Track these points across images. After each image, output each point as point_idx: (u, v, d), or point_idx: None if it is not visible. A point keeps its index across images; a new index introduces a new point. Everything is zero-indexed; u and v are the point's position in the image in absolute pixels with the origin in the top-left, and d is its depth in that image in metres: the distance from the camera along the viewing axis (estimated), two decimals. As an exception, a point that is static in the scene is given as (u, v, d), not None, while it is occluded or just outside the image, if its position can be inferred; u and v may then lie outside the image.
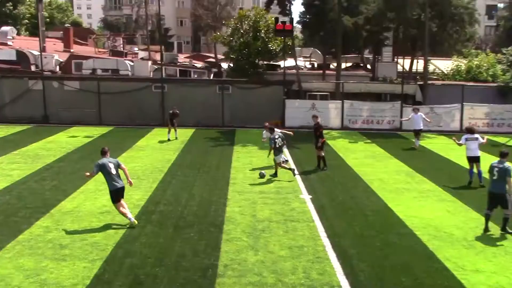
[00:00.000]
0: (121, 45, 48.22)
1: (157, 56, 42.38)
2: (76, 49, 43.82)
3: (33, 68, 31.47)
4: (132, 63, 33.12)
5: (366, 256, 10.87)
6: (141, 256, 10.74)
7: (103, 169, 12.41)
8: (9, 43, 37.93)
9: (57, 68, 32.68)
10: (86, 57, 33.78)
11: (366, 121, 30.61)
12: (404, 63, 37.74)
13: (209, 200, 14.93)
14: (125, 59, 36.78)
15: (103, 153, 12.82)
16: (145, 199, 14.88)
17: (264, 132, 19.59)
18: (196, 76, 36.76)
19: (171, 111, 25.30)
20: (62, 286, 9.31)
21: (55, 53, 35.56)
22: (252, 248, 11.26)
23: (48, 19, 59.57)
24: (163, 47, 38.52)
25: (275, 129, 18.02)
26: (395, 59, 39.63)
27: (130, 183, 12.88)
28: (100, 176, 12.78)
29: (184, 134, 26.47)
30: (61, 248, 11.11)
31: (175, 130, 25.30)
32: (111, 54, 42.32)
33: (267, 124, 19.29)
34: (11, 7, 53.12)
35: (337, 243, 11.55)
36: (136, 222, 12.56)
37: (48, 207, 13.93)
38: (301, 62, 40.73)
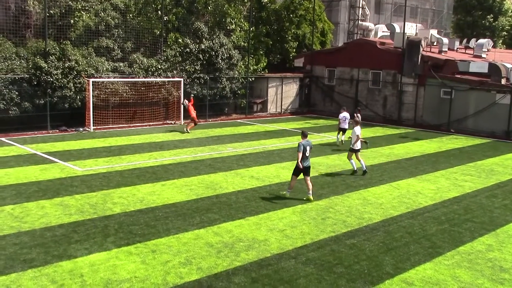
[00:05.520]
0: None
1: None
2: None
3: (503, 81, 30.92)
4: None
5: None
6: None
7: (304, 149, 14.46)
8: (483, 55, 38.31)
9: (530, 83, 31.03)
10: None
11: None
12: None
13: None
14: None
15: (304, 136, 14.78)
16: None
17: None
18: None
19: None
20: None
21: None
22: None
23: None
24: None
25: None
26: None
27: None
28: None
29: None
30: (501, 270, 10.66)
31: None
32: None
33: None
34: (491, 19, 53.50)
35: None
36: (311, 198, 14.82)
37: (494, 226, 13.58)
38: None
